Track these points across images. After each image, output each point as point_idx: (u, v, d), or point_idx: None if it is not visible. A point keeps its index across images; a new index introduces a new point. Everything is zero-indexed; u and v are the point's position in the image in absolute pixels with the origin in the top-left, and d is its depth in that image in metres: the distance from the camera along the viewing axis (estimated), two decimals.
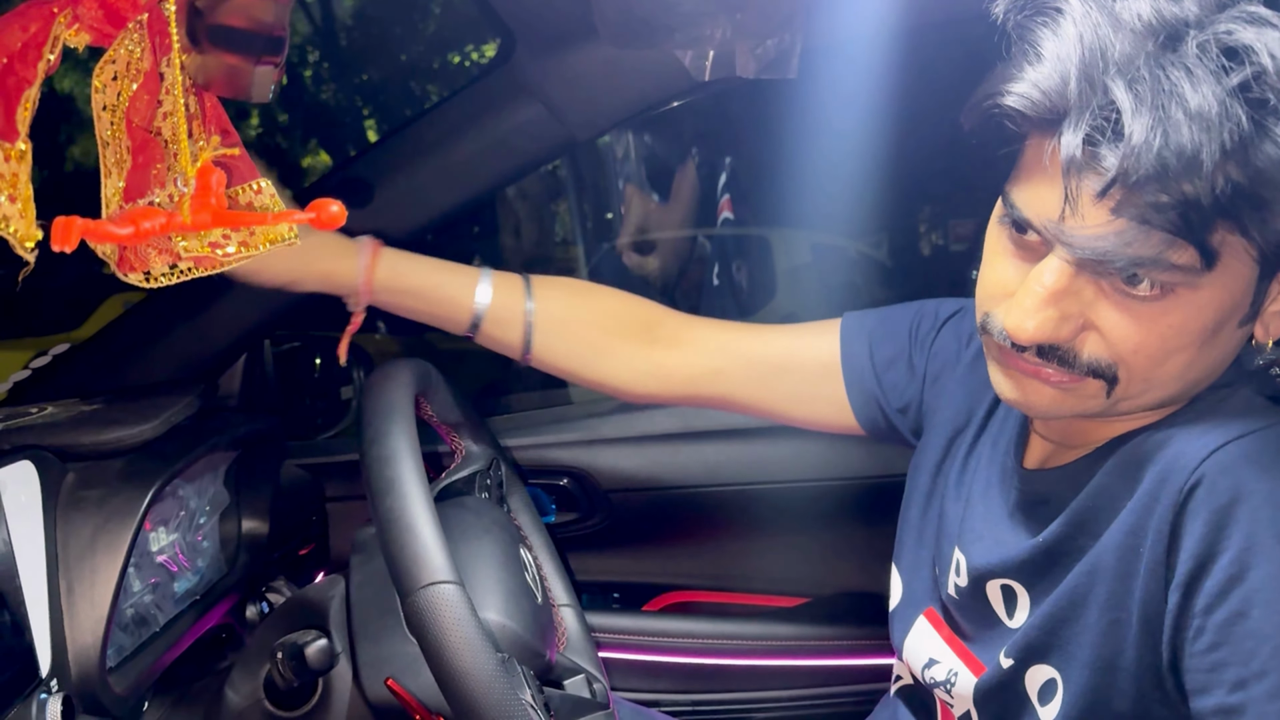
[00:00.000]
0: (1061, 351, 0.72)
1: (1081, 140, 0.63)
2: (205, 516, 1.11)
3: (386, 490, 0.81)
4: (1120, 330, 0.70)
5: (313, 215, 0.60)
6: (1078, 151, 0.63)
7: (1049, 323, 0.70)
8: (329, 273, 1.00)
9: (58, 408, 1.00)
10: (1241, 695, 0.63)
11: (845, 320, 1.05)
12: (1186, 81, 0.61)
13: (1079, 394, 0.74)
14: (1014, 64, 0.68)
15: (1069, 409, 0.75)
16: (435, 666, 0.75)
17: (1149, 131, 0.61)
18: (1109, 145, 0.62)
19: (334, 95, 7.26)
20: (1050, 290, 0.69)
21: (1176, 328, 0.69)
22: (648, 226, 3.82)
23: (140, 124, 0.62)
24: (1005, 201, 0.73)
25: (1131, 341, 0.70)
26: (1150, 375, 0.71)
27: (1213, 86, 0.61)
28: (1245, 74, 0.61)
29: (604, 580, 1.52)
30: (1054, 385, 0.74)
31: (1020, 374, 0.75)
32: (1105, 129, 0.62)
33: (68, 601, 0.83)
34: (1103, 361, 0.71)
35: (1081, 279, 0.69)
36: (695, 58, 1.11)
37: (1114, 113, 0.62)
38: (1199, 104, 0.61)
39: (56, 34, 0.59)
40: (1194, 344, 0.70)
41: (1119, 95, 0.62)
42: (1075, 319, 0.70)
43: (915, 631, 0.94)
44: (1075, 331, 0.71)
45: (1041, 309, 0.69)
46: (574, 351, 1.07)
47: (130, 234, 0.56)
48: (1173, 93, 0.61)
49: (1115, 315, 0.69)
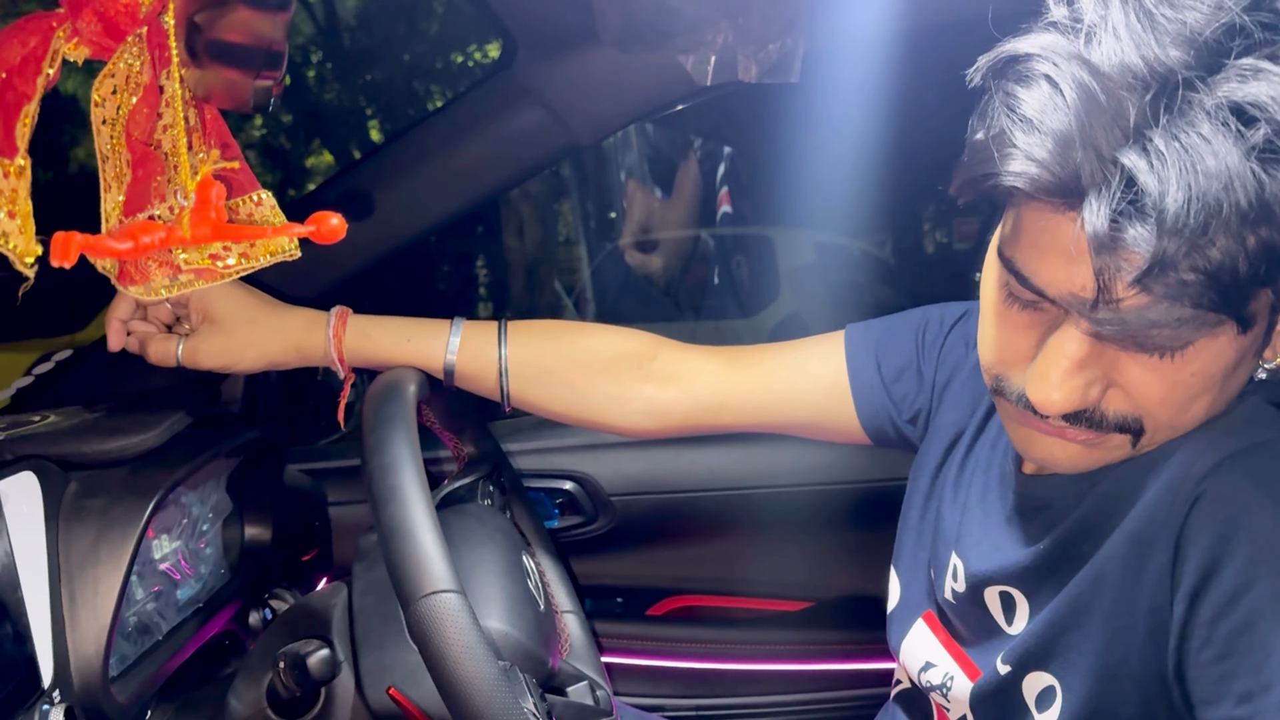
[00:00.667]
0: (1088, 414, 0.69)
1: (1107, 219, 0.58)
2: (208, 523, 1.11)
3: (388, 499, 0.81)
4: (1145, 386, 0.68)
5: (313, 228, 0.60)
6: (1104, 233, 0.58)
7: (1076, 392, 0.67)
8: (300, 346, 1.02)
9: (60, 415, 1.00)
10: (1249, 707, 0.63)
11: (849, 333, 1.04)
12: (1205, 146, 0.56)
13: (1104, 448, 0.72)
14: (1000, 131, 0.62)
15: (1095, 462, 0.74)
16: (437, 676, 0.75)
17: (1181, 209, 0.56)
18: (1137, 224, 0.57)
19: (337, 95, 7.26)
20: (1074, 361, 0.66)
21: (1199, 374, 0.67)
22: (651, 226, 3.82)
23: (140, 137, 0.62)
24: (1009, 268, 0.68)
25: (1156, 396, 0.68)
26: (1176, 422, 0.70)
27: (1230, 148, 0.56)
28: (1263, 131, 0.57)
29: (607, 585, 1.52)
30: (1080, 443, 0.72)
31: (1042, 435, 0.73)
32: (1129, 205, 0.57)
33: (70, 611, 0.83)
34: (1129, 417, 0.69)
35: (1103, 343, 0.67)
36: (697, 62, 1.11)
37: (1135, 188, 0.57)
38: (1218, 168, 0.56)
39: (55, 48, 0.58)
40: (1216, 385, 0.68)
41: (1139, 170, 0.57)
42: (1100, 382, 0.68)
43: (913, 634, 0.94)
44: (1101, 394, 0.69)
45: (1067, 380, 0.67)
46: (556, 395, 1.06)
47: (130, 249, 0.56)
48: (1194, 163, 0.56)
49: (1138, 372, 0.67)
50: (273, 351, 1.02)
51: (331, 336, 1.01)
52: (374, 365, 1.04)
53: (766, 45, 1.08)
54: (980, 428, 0.93)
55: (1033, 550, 0.79)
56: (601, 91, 1.17)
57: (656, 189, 3.98)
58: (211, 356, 1.00)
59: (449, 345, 1.03)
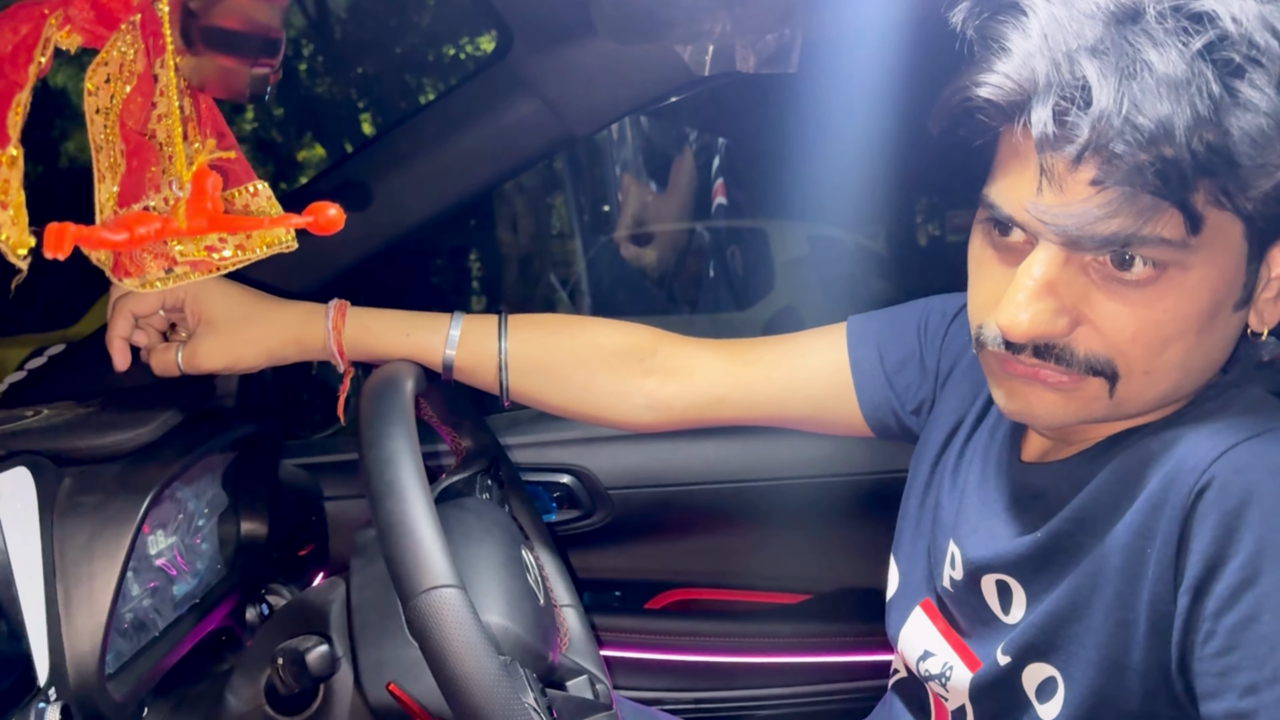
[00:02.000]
0: (1058, 349, 0.71)
1: (1051, 113, 0.63)
2: (203, 519, 1.10)
3: (387, 493, 0.81)
4: (1115, 320, 0.69)
5: (310, 219, 0.59)
6: (1048, 125, 0.64)
7: (1043, 315, 0.69)
8: (300, 339, 1.02)
9: (53, 410, 0.99)
10: (1253, 700, 0.62)
11: (850, 325, 1.04)
12: (1151, 48, 0.62)
13: (1081, 396, 0.73)
14: (980, 61, 0.68)
15: (1073, 414, 0.74)
16: (437, 671, 0.75)
17: (1116, 93, 0.62)
18: (1079, 114, 0.63)
19: (329, 89, 7.23)
20: (1041, 281, 0.69)
21: (1171, 312, 0.68)
22: (645, 218, 3.82)
23: (134, 127, 0.61)
24: (984, 204, 0.73)
25: (1127, 331, 0.69)
26: (1150, 367, 0.70)
27: (1178, 51, 0.61)
28: (1209, 37, 0.62)
29: (606, 578, 1.51)
30: (1054, 388, 0.73)
31: (1019, 381, 0.75)
32: (1074, 99, 0.63)
33: (65, 608, 0.83)
34: (1100, 357, 0.71)
35: (1071, 270, 0.69)
36: (695, 52, 1.10)
37: (1082, 84, 0.63)
38: (1165, 68, 0.61)
39: (47, 36, 0.58)
40: (1191, 330, 0.69)
41: (1085, 67, 0.63)
42: (1069, 312, 0.70)
43: (911, 622, 0.94)
44: (1070, 326, 0.70)
45: (1033, 301, 0.69)
46: (555, 389, 1.06)
47: (125, 240, 0.55)
48: (1137, 58, 0.62)
49: (1108, 304, 0.69)
50: (272, 346, 1.01)
51: (331, 329, 1.01)
52: (373, 358, 1.03)
53: (764, 35, 1.07)
54: (980, 416, 0.93)
55: (1029, 539, 0.79)
56: (598, 82, 1.16)
57: (651, 182, 3.97)
58: (212, 357, 1.00)
59: (449, 339, 1.03)
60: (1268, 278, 0.72)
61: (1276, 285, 0.72)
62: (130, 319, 1.01)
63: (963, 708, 0.86)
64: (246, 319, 1.00)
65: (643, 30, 1.05)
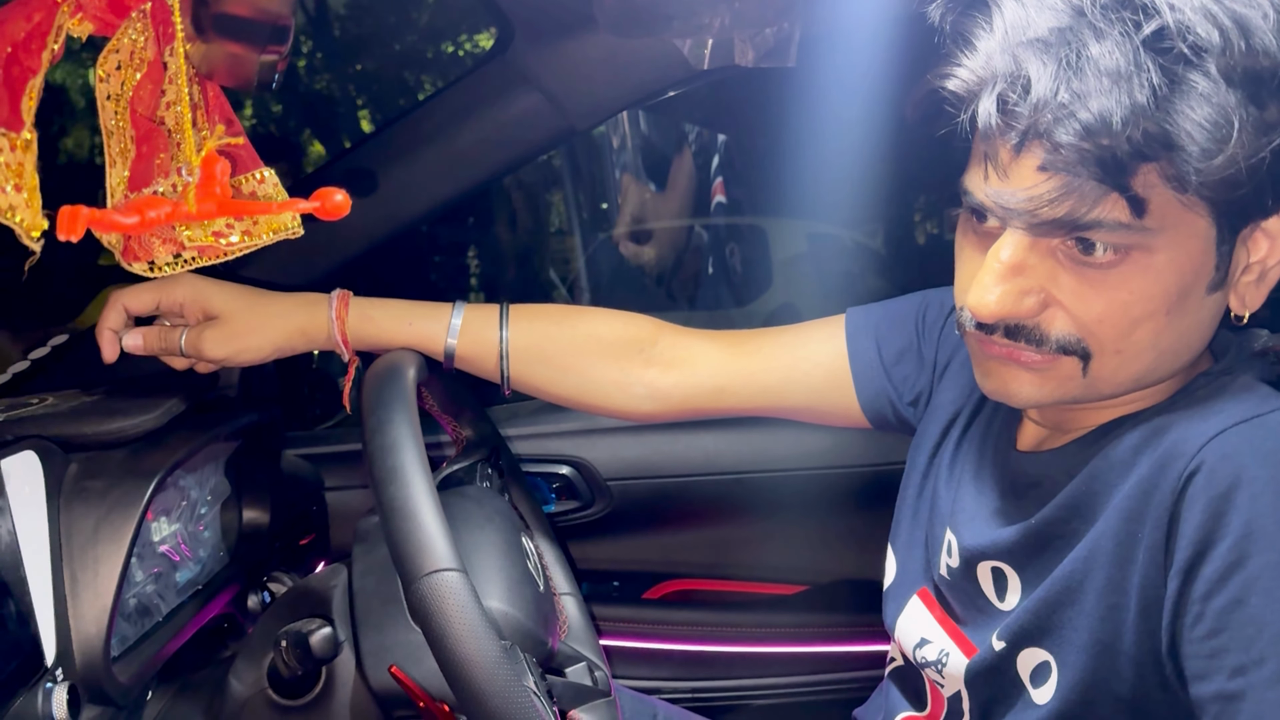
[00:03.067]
0: (1029, 329, 0.73)
1: (995, 103, 0.66)
2: (206, 506, 1.11)
3: (390, 479, 0.81)
4: (1082, 302, 0.71)
5: (317, 204, 0.60)
6: (993, 115, 0.66)
7: (1010, 295, 0.71)
8: (304, 328, 1.02)
9: (58, 398, 1.00)
10: (1241, 681, 0.63)
11: (849, 317, 1.05)
12: (1094, 39, 0.64)
13: (1055, 375, 0.75)
14: (949, 55, 0.71)
15: (1050, 394, 0.76)
16: (439, 654, 0.76)
17: (1054, 82, 0.64)
18: (1019, 103, 0.65)
19: (328, 85, 7.23)
20: (1007, 264, 0.71)
21: (1138, 294, 0.70)
22: (644, 215, 3.82)
23: (144, 113, 0.62)
24: (961, 192, 0.76)
25: (1095, 311, 0.71)
26: (1121, 346, 0.72)
27: (1119, 42, 0.63)
28: (1152, 28, 0.63)
29: (604, 569, 1.52)
30: (1028, 368, 0.75)
31: (996, 362, 0.77)
32: (1017, 89, 0.66)
33: (72, 591, 0.83)
34: (1071, 337, 0.72)
35: (1039, 253, 0.71)
36: (694, 46, 1.11)
37: (1024, 75, 0.65)
38: (1106, 59, 0.63)
39: (60, 23, 0.58)
40: (1160, 311, 0.71)
41: (1029, 58, 0.65)
42: (1036, 293, 0.72)
43: (908, 611, 0.95)
44: (1038, 307, 0.72)
45: (1000, 283, 0.71)
46: (556, 379, 1.07)
47: (136, 223, 0.56)
48: (1080, 50, 0.64)
49: (1075, 286, 0.71)
50: (277, 337, 1.02)
51: (334, 318, 1.02)
52: (376, 348, 1.04)
53: (763, 29, 1.08)
54: (977, 408, 0.94)
55: (1024, 526, 0.80)
56: (598, 76, 1.17)
57: (650, 181, 3.97)
58: (217, 344, 1.00)
59: (450, 328, 1.03)
60: (1246, 261, 0.73)
61: (1257, 269, 0.74)
62: (122, 312, 1.01)
63: (958, 694, 0.87)
64: (250, 309, 1.01)
65: (643, 24, 1.06)
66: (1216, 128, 0.63)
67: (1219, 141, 0.64)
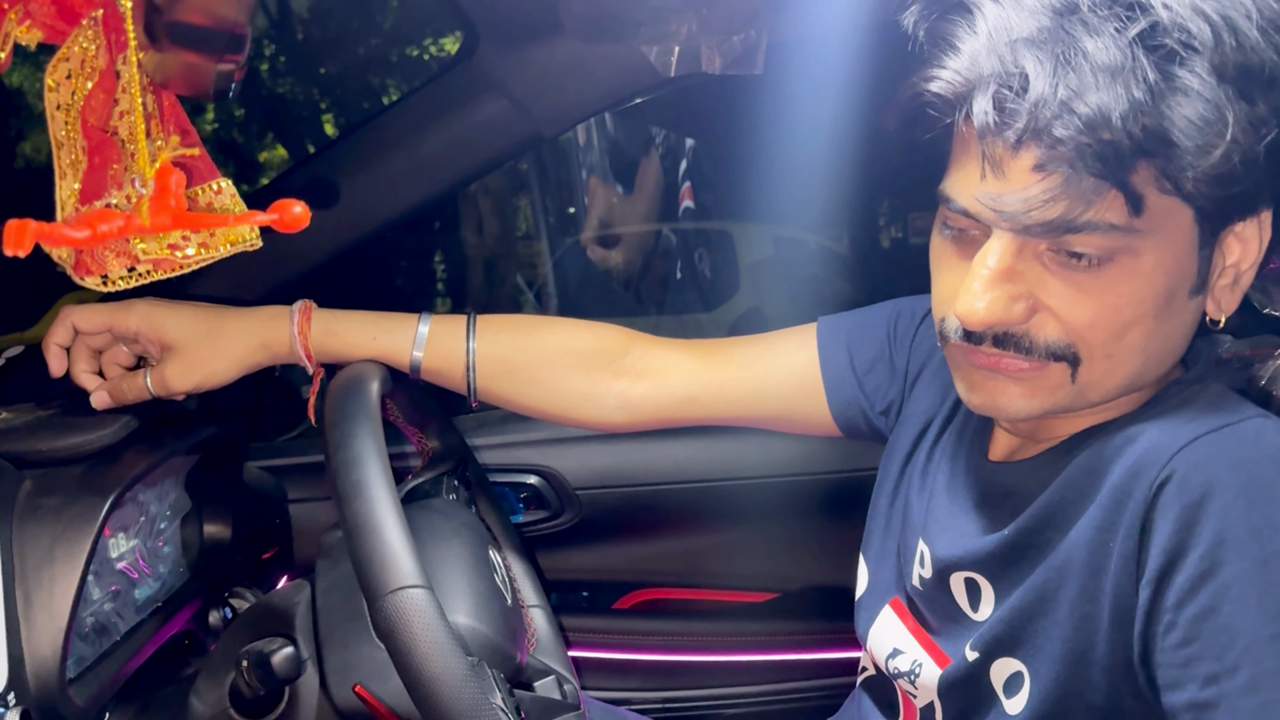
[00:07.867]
0: (1017, 337, 0.72)
1: (991, 101, 0.66)
2: (166, 522, 1.09)
3: (354, 495, 0.80)
4: (1072, 307, 0.71)
5: (275, 216, 0.59)
6: (989, 113, 0.66)
7: (998, 302, 0.71)
8: (267, 343, 1.00)
9: (12, 413, 0.97)
10: (1214, 690, 0.64)
11: (821, 326, 1.04)
12: (1087, 36, 0.64)
13: (1044, 383, 0.74)
14: (931, 60, 0.70)
15: (1040, 405, 0.75)
16: (404, 672, 0.75)
17: (1052, 79, 0.64)
18: (1017, 101, 0.65)
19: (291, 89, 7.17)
20: (995, 270, 0.70)
21: (1127, 297, 0.70)
22: (611, 220, 3.82)
23: (96, 124, 0.60)
24: (940, 199, 0.75)
25: (1085, 316, 0.71)
26: (1111, 350, 0.72)
27: (1113, 38, 0.64)
28: (1143, 25, 0.64)
29: (573, 579, 1.51)
30: (1016, 378, 0.74)
31: (983, 374, 0.76)
32: (1014, 87, 0.65)
33: (25, 613, 0.81)
34: (1060, 342, 0.72)
35: (1025, 257, 0.71)
36: (661, 53, 1.11)
37: (1021, 73, 0.65)
38: (1101, 55, 0.63)
39: (7, 30, 0.57)
40: (1149, 314, 0.71)
41: (1024, 57, 0.65)
42: (1025, 299, 0.71)
43: (880, 621, 0.94)
44: (1027, 313, 0.72)
45: (989, 289, 0.70)
46: (524, 391, 1.06)
47: (87, 237, 0.54)
48: (1074, 46, 0.64)
49: (1064, 290, 0.71)
50: (240, 355, 0.99)
51: (296, 333, 0.99)
52: (340, 361, 1.02)
53: (730, 36, 1.08)
54: (949, 417, 0.94)
55: (997, 536, 0.80)
56: (565, 82, 1.16)
57: (618, 185, 3.97)
58: (182, 378, 0.97)
59: (416, 339, 1.02)
60: (1222, 265, 0.74)
61: (1232, 272, 0.74)
62: (70, 330, 0.98)
63: (931, 705, 0.86)
64: (210, 333, 0.98)
65: (610, 30, 1.06)
66: (1210, 124, 0.64)
67: (1213, 137, 0.64)
